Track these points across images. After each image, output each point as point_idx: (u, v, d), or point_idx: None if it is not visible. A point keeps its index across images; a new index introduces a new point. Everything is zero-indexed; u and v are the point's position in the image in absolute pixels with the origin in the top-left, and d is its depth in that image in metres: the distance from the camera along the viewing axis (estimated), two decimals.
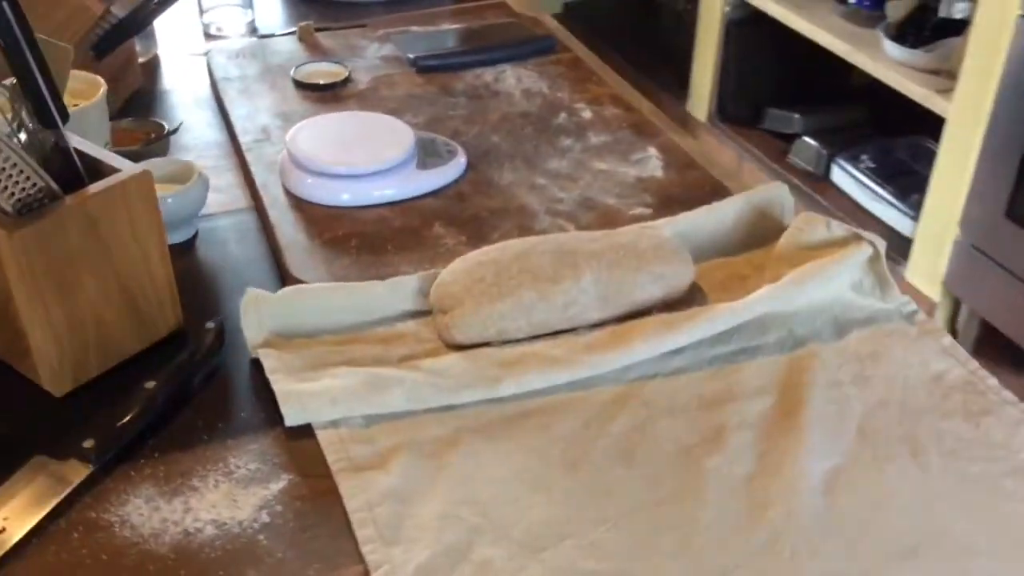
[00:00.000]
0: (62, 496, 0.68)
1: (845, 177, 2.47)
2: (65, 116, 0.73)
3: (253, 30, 1.39)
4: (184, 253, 0.94)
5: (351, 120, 1.05)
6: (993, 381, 0.79)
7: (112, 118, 1.09)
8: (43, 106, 0.71)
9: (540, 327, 0.81)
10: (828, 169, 2.55)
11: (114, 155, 0.77)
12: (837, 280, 0.85)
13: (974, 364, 0.80)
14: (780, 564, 0.64)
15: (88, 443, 0.70)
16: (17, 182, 0.69)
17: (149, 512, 0.68)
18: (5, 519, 0.66)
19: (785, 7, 2.51)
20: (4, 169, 0.68)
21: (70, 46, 0.77)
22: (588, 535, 0.65)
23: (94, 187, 0.73)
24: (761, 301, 0.81)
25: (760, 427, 0.74)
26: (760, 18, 2.59)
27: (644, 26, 3.22)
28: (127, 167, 0.75)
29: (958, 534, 0.66)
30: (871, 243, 0.84)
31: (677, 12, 3.04)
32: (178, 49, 1.33)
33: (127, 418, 0.72)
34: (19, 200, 0.69)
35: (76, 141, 0.78)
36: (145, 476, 0.70)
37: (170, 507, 0.68)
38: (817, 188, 2.56)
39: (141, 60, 1.27)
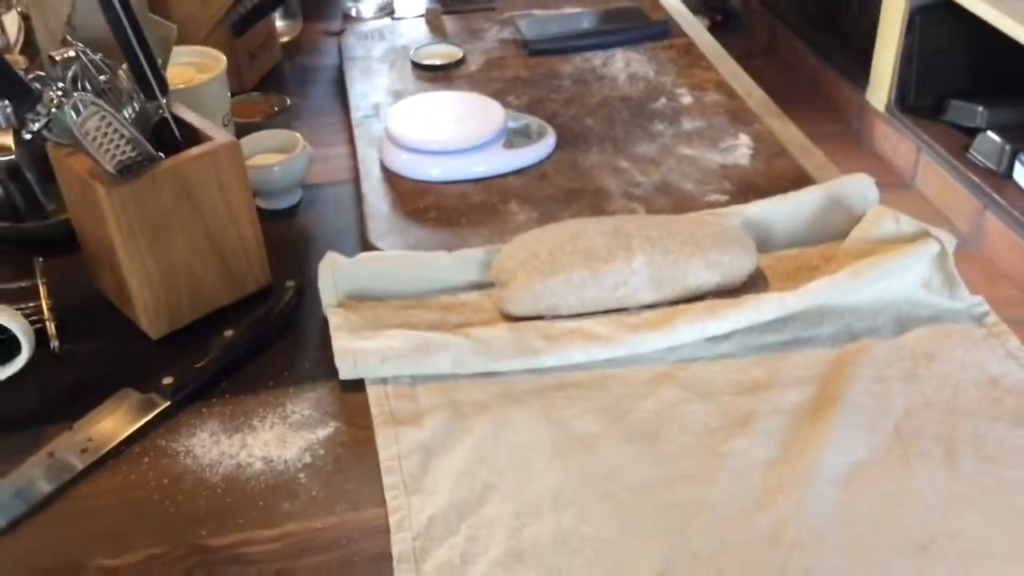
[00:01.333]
0: (139, 424, 0.77)
1: None
2: (164, 88, 0.82)
3: (391, 12, 1.47)
4: (286, 218, 1.02)
5: (449, 99, 1.10)
6: None
7: (249, 91, 1.20)
8: (144, 79, 0.80)
9: (590, 305, 0.84)
10: (1011, 167, 2.40)
11: (212, 124, 0.86)
12: (902, 276, 0.83)
13: None
14: (778, 551, 0.64)
15: (167, 380, 0.79)
16: (118, 146, 0.78)
17: (210, 445, 0.76)
18: (89, 440, 0.76)
19: None
20: (107, 135, 0.77)
21: (174, 25, 0.85)
22: (592, 505, 0.68)
23: (188, 153, 0.82)
24: (813, 292, 0.81)
25: (792, 416, 0.74)
26: (947, 4, 2.47)
27: (829, 10, 3.12)
28: (220, 136, 0.84)
29: (976, 536, 0.64)
30: (938, 240, 0.82)
31: None
32: (320, 29, 1.43)
33: (204, 361, 0.81)
34: (120, 162, 0.79)
35: (182, 111, 0.87)
36: (214, 413, 0.78)
37: (229, 442, 0.76)
38: (997, 187, 2.42)
39: (285, 39, 1.38)
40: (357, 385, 0.80)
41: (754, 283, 0.87)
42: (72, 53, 0.81)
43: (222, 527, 0.69)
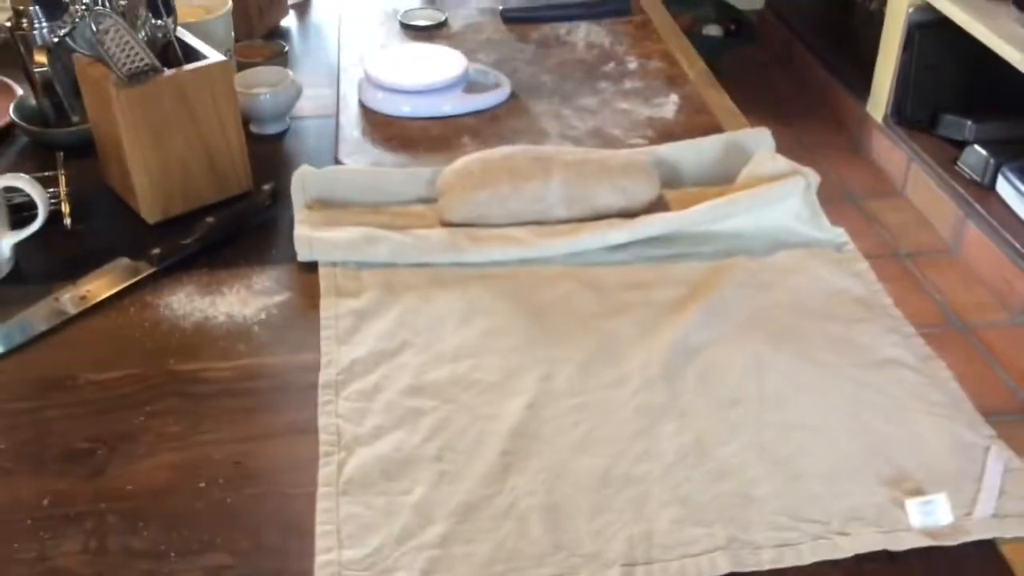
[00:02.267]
0: (129, 283, 0.94)
1: (1010, 189, 2.42)
2: (171, 10, 0.99)
3: None
4: (274, 142, 1.19)
5: (421, 50, 1.26)
6: (888, 300, 0.90)
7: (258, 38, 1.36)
8: (153, 2, 0.97)
9: (513, 216, 0.99)
10: (994, 179, 2.52)
11: (210, 48, 1.02)
12: (777, 207, 0.98)
13: (878, 287, 0.92)
14: (623, 396, 0.80)
15: (155, 251, 0.96)
16: (129, 56, 0.95)
17: (185, 302, 0.92)
18: (88, 290, 0.92)
19: (967, 12, 2.50)
20: (120, 46, 0.94)
21: None
22: (484, 358, 0.84)
23: (187, 67, 0.99)
24: (693, 212, 0.96)
25: (663, 307, 0.90)
26: (944, 22, 2.59)
27: (837, 24, 3.26)
28: (213, 56, 1.01)
29: (779, 400, 0.79)
30: (804, 175, 0.97)
31: (870, 12, 3.07)
32: None
33: (187, 239, 0.98)
34: (130, 70, 0.96)
35: (187, 37, 1.04)
36: (192, 280, 0.95)
37: (201, 301, 0.92)
38: (980, 198, 2.54)
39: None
40: (313, 267, 0.96)
41: (656, 210, 1.02)
42: None
43: (188, 358, 0.86)
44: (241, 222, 1.02)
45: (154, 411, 0.80)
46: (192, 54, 1.03)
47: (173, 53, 1.02)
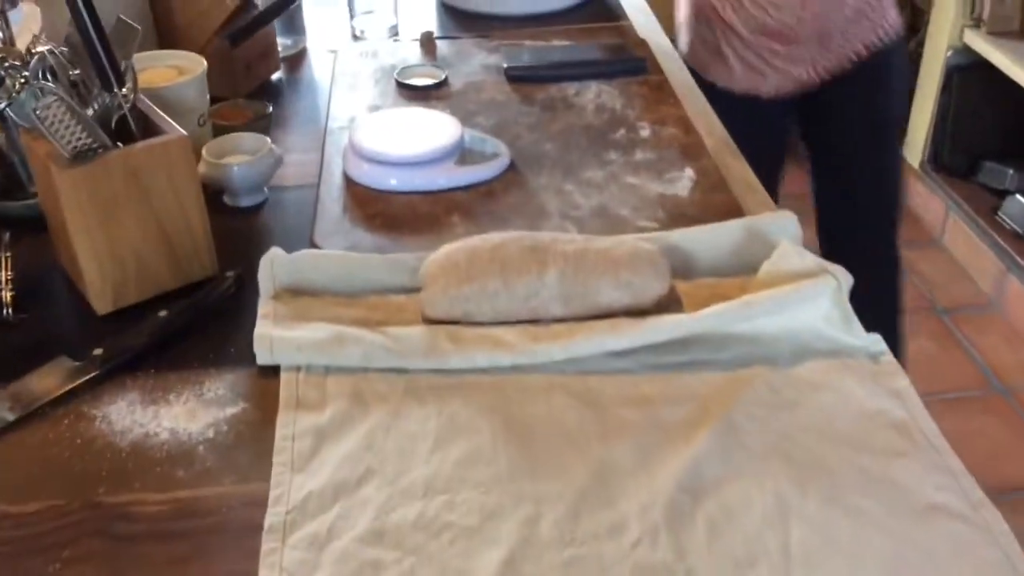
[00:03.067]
0: (66, 389, 0.83)
1: None
2: (121, 82, 0.89)
3: (395, 35, 1.54)
4: (249, 215, 1.08)
5: (412, 115, 1.16)
6: (932, 426, 0.77)
7: (244, 97, 1.27)
8: (103, 74, 0.87)
9: (503, 314, 0.88)
10: None
11: (170, 121, 0.92)
12: (804, 309, 0.85)
13: (921, 410, 0.79)
14: (619, 550, 0.67)
15: (97, 351, 0.85)
16: (74, 132, 0.85)
17: (126, 413, 0.81)
18: (18, 398, 0.82)
19: (1007, 55, 2.39)
20: (63, 122, 0.84)
21: (138, 26, 0.92)
22: (460, 494, 0.72)
23: (139, 145, 0.89)
24: (707, 316, 0.84)
25: (668, 431, 0.78)
26: (984, 65, 2.48)
27: None
28: (171, 131, 0.90)
29: (805, 556, 0.67)
30: (834, 276, 0.85)
31: (907, 52, 2.95)
32: (324, 45, 1.50)
33: (134, 337, 0.87)
34: (75, 148, 0.85)
35: (146, 108, 0.93)
36: (137, 385, 0.84)
37: (144, 413, 0.81)
38: (1022, 250, 2.42)
39: (290, 52, 1.45)
40: (275, 371, 0.85)
41: (667, 306, 0.90)
42: (44, 47, 0.88)
43: (119, 487, 0.75)
44: (198, 314, 0.91)
45: (72, 557, 0.69)
46: (151, 127, 0.92)
47: (129, 126, 0.91)
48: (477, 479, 0.73)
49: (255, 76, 1.35)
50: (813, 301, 0.85)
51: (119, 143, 0.89)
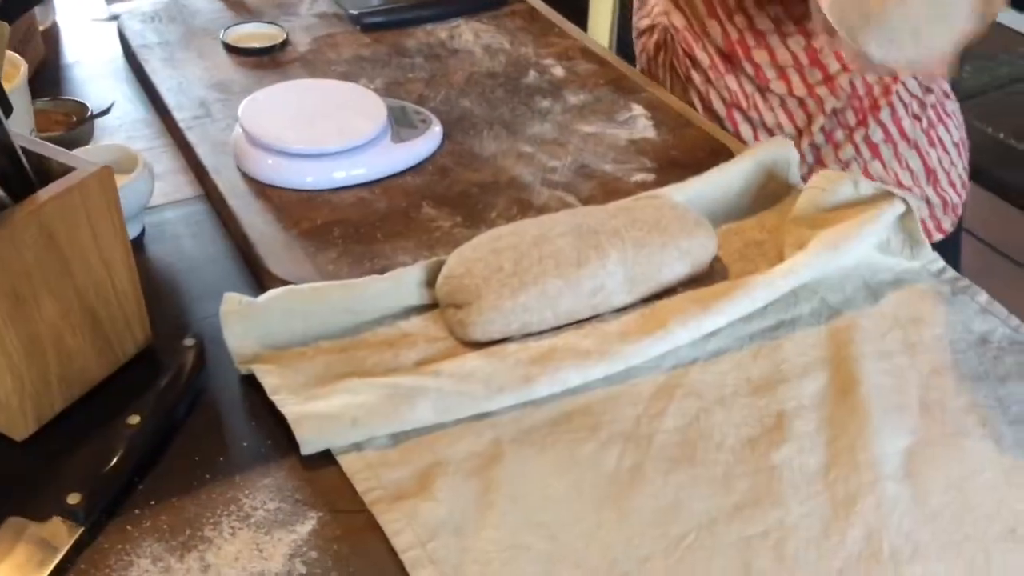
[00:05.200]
0: (52, 566, 0.57)
1: None
2: (8, 109, 0.60)
3: None
4: (136, 254, 0.81)
5: (311, 89, 0.93)
6: None
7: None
8: None
9: (564, 317, 0.73)
10: None
11: (64, 151, 0.65)
12: (866, 241, 0.80)
13: (1016, 321, 0.77)
14: (883, 567, 0.58)
15: (73, 498, 0.59)
16: None
17: (159, 574, 0.57)
18: None
19: None
20: None
21: (4, 23, 0.63)
22: (672, 553, 0.59)
23: (47, 191, 0.61)
24: (798, 270, 0.76)
25: (821, 410, 0.69)
26: None
27: None
28: (82, 165, 0.63)
29: None
30: (903, 200, 0.79)
31: None
32: (78, 15, 1.18)
33: (113, 462, 0.61)
34: None
35: (22, 141, 0.64)
36: (145, 530, 0.60)
37: (183, 566, 0.58)
38: None
39: (40, 28, 1.12)
40: (323, 458, 0.64)
41: (714, 268, 0.80)
42: None
43: None
44: (175, 408, 0.67)
45: None
46: (38, 164, 0.64)
47: (16, 170, 0.62)
48: (677, 529, 0.60)
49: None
50: (876, 232, 0.79)
51: (11, 195, 0.61)
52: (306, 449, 0.64)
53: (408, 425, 0.65)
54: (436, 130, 0.91)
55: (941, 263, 0.82)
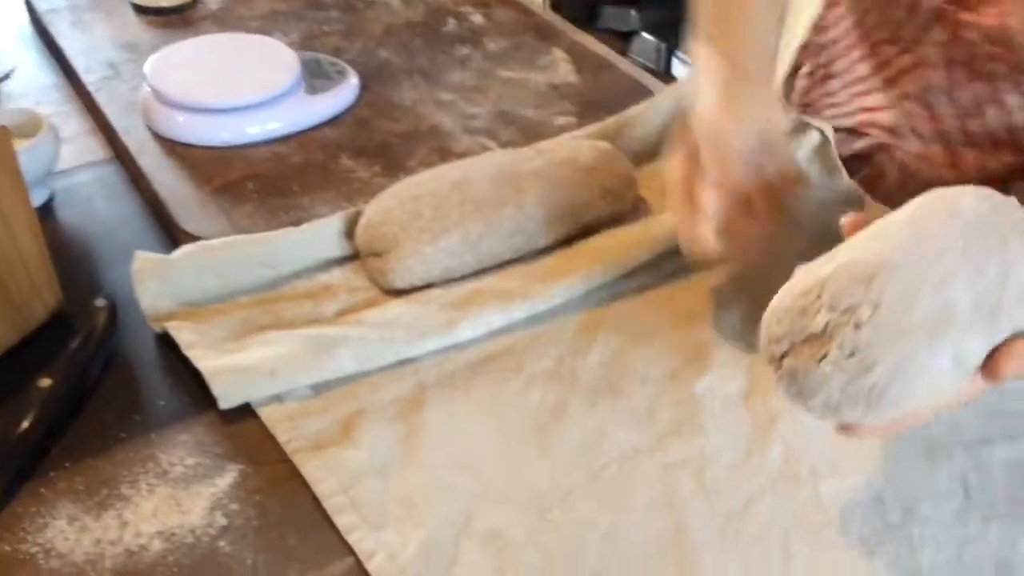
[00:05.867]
0: None
1: (686, 71, 2.47)
2: None
3: None
4: (42, 220, 0.79)
5: (220, 44, 0.91)
6: None
7: None
8: None
9: (486, 260, 0.73)
10: (669, 64, 2.53)
11: None
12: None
13: None
14: (802, 485, 0.59)
15: None
16: None
17: (76, 534, 0.56)
18: None
19: None
20: None
21: None
22: (594, 484, 0.59)
23: None
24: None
25: (742, 337, 0.69)
26: None
27: None
28: None
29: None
30: (819, 130, 0.80)
31: None
32: None
33: (24, 425, 0.60)
34: None
35: None
36: (60, 492, 0.58)
37: (100, 524, 0.57)
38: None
39: None
40: (243, 411, 0.63)
41: (638, 207, 0.80)
42: None
43: None
44: (88, 369, 0.65)
45: None
46: None
47: None
48: (600, 461, 0.60)
49: None
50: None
51: None
52: (224, 403, 0.62)
53: (329, 375, 0.65)
54: (352, 81, 0.89)
55: (861, 191, 0.82)
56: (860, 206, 0.81)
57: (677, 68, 2.49)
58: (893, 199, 0.57)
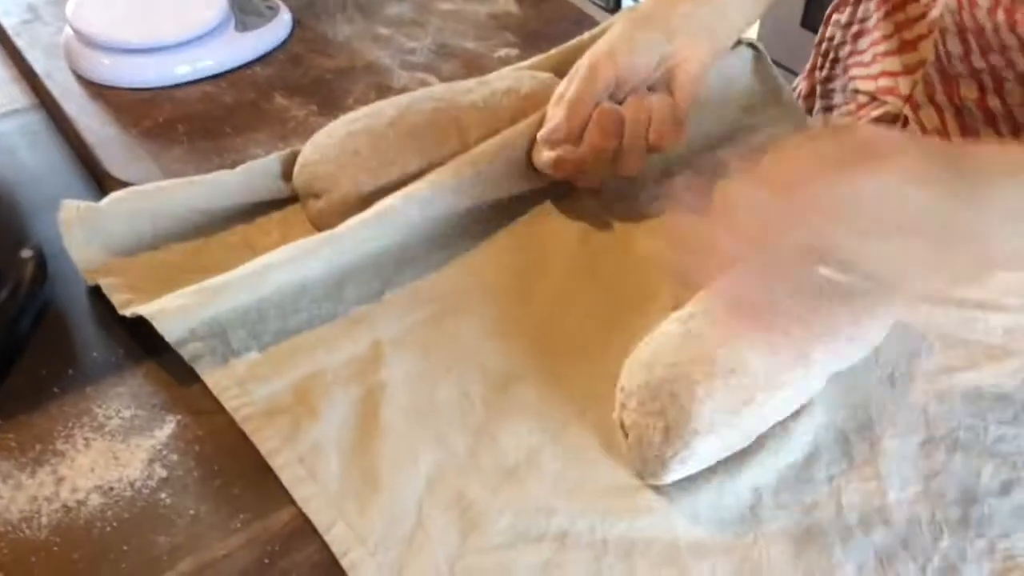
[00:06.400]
0: None
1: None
2: None
3: None
4: None
5: None
6: None
7: None
8: None
9: None
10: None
11: None
12: (724, 100, 0.78)
13: None
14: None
15: None
16: None
17: (11, 492, 0.54)
18: None
19: None
20: None
21: None
22: (558, 441, 0.58)
23: None
24: None
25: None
26: None
27: None
28: None
29: None
30: (751, 45, 0.78)
31: None
32: None
33: None
34: None
35: None
36: None
37: (35, 481, 0.55)
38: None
39: None
40: (181, 366, 0.61)
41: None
42: None
43: None
44: (16, 323, 0.63)
45: None
46: None
47: None
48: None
49: None
50: (730, 82, 0.78)
51: None
52: (172, 335, 0.59)
53: (269, 288, 0.62)
54: (284, 17, 0.86)
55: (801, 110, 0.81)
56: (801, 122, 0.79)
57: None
58: None
